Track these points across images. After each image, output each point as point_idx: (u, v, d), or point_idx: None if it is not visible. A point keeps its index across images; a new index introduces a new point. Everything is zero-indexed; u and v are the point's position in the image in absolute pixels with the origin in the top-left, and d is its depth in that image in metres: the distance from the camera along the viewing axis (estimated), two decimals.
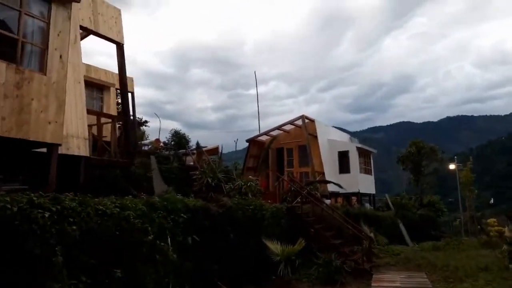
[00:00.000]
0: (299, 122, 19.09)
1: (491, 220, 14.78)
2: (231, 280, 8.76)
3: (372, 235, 14.65)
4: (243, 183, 11.05)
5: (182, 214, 7.82)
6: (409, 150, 24.02)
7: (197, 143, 25.22)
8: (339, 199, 20.86)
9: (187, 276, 7.61)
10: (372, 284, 9.67)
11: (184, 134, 21.89)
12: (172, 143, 20.15)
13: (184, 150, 18.12)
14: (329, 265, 9.82)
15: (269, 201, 12.67)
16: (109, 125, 10.84)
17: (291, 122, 19.34)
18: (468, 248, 15.77)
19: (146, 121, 27.49)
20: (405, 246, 17.99)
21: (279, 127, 19.85)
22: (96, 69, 15.41)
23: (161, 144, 20.07)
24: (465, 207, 20.57)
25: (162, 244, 6.83)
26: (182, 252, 7.49)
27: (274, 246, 9.40)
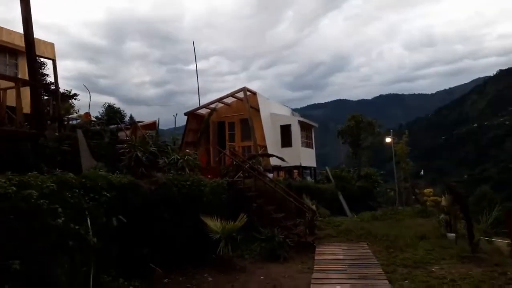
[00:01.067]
0: (241, 95, 18.24)
1: (428, 190, 15.39)
2: (167, 262, 7.93)
3: (314, 207, 14.54)
4: (179, 157, 10.05)
5: (105, 193, 6.73)
6: (348, 124, 24.46)
7: (131, 117, 23.82)
8: (282, 173, 20.68)
9: (113, 261, 6.63)
10: (315, 257, 9.38)
11: (118, 108, 21.41)
12: (106, 118, 18.85)
13: (117, 125, 16.54)
14: (271, 240, 9.35)
15: (209, 176, 11.85)
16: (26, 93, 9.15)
17: (232, 95, 18.41)
18: (404, 217, 16.40)
19: (75, 94, 25.09)
20: (345, 217, 18.36)
21: (219, 100, 18.83)
22: (9, 32, 13.27)
23: (92, 118, 18.51)
24: (400, 178, 21.49)
25: (77, 227, 5.74)
26: (106, 236, 6.44)
27: (214, 224, 8.66)
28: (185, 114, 19.06)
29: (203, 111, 19.79)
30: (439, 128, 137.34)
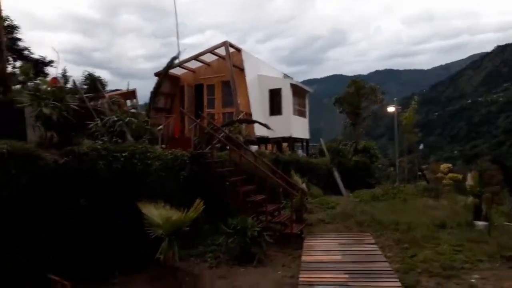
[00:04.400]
0: (222, 51, 15.21)
1: (444, 166, 12.80)
2: (81, 270, 5.30)
3: (304, 186, 11.95)
4: (116, 119, 7.23)
5: None
6: (348, 91, 21.62)
7: (100, 82, 21.36)
8: (270, 146, 18.01)
9: None
10: (302, 258, 6.79)
11: (99, 77, 20.08)
12: (86, 87, 17.35)
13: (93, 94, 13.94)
14: (243, 233, 6.71)
15: (178, 148, 8.99)
16: None
17: (211, 51, 15.30)
18: (409, 197, 13.87)
19: (51, 61, 22.11)
20: (340, 197, 15.87)
21: (196, 57, 15.73)
22: None
23: (59, 84, 16.19)
24: (402, 152, 18.98)
25: None
26: None
27: (155, 214, 5.93)
28: (156, 74, 16.05)
29: (178, 72, 16.76)
30: (433, 104, 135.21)
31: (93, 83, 19.86)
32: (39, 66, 20.24)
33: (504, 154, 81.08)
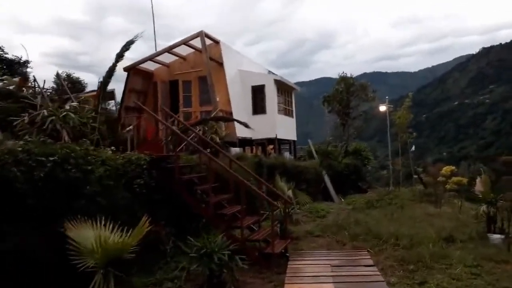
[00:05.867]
0: (198, 43, 13.72)
1: (447, 168, 11.51)
2: None
3: (290, 193, 10.57)
4: (47, 114, 5.70)
5: None
6: (337, 88, 20.33)
7: (79, 84, 20.47)
8: (256, 148, 16.58)
9: None
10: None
11: (78, 78, 19.75)
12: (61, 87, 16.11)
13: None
14: (208, 258, 5.24)
15: (146, 152, 7.45)
16: None
17: (185, 42, 13.75)
18: (406, 203, 12.59)
19: (27, 62, 20.49)
20: (331, 203, 14.51)
21: (170, 49, 14.14)
22: None
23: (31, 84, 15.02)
24: (395, 153, 17.79)
25: None
26: None
27: (94, 236, 4.44)
28: (125, 69, 14.49)
29: (151, 66, 15.20)
30: (421, 106, 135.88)
31: (73, 85, 19.08)
32: (13, 66, 19.02)
33: (492, 156, 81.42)
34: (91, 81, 63.08)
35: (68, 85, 18.42)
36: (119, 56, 7.32)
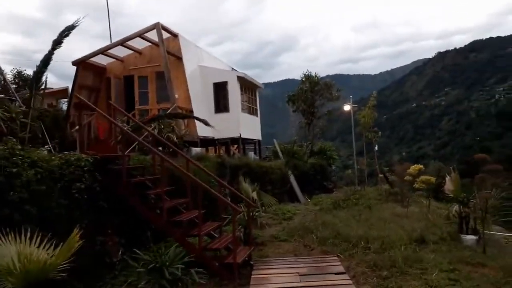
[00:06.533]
0: (153, 36, 12.77)
1: (415, 167, 11.30)
2: None
3: (255, 195, 9.90)
4: None
5: None
6: (301, 87, 19.96)
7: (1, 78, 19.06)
8: (220, 148, 15.80)
9: None
10: None
11: (29, 75, 16.96)
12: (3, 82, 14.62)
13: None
14: (158, 273, 4.47)
15: (88, 152, 6.48)
16: None
17: (140, 34, 12.68)
18: (373, 203, 12.32)
19: None
20: (297, 204, 14.04)
21: (123, 42, 12.98)
22: None
23: None
24: (358, 153, 17.68)
25: None
26: None
27: (16, 251, 3.55)
28: (73, 63, 13.25)
29: (102, 61, 14.03)
30: (381, 108, 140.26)
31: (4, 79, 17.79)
32: None
33: (448, 155, 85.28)
34: (49, 79, 59.63)
35: (20, 83, 16.93)
36: (57, 43, 6.36)
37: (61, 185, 5.32)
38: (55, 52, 6.34)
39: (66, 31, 6.48)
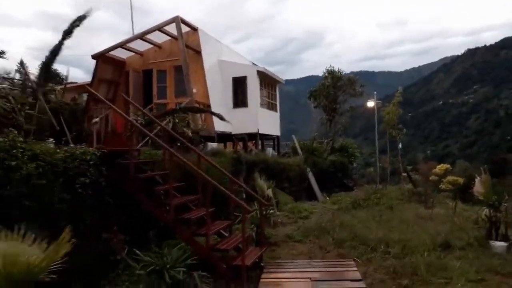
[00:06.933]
0: (173, 29, 12.62)
1: (441, 167, 10.69)
2: None
3: (270, 192, 9.58)
4: None
5: None
6: (323, 83, 19.42)
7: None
8: (236, 144, 15.55)
9: None
10: None
11: (56, 70, 17.29)
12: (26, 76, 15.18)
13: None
14: (158, 275, 4.23)
15: (98, 146, 6.36)
16: None
17: (159, 28, 12.58)
18: (395, 203, 11.78)
19: (2, 52, 19.20)
20: (315, 202, 13.63)
21: (142, 36, 12.95)
22: None
23: None
24: (384, 150, 17.05)
25: None
26: None
27: (3, 249, 3.39)
28: (93, 57, 13.28)
29: (122, 54, 14.01)
30: (406, 105, 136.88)
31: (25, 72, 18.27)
32: None
33: (474, 154, 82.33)
34: (75, 75, 61.45)
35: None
36: (67, 33, 6.24)
37: (64, 179, 5.17)
38: (64, 42, 6.19)
39: (77, 21, 6.33)
